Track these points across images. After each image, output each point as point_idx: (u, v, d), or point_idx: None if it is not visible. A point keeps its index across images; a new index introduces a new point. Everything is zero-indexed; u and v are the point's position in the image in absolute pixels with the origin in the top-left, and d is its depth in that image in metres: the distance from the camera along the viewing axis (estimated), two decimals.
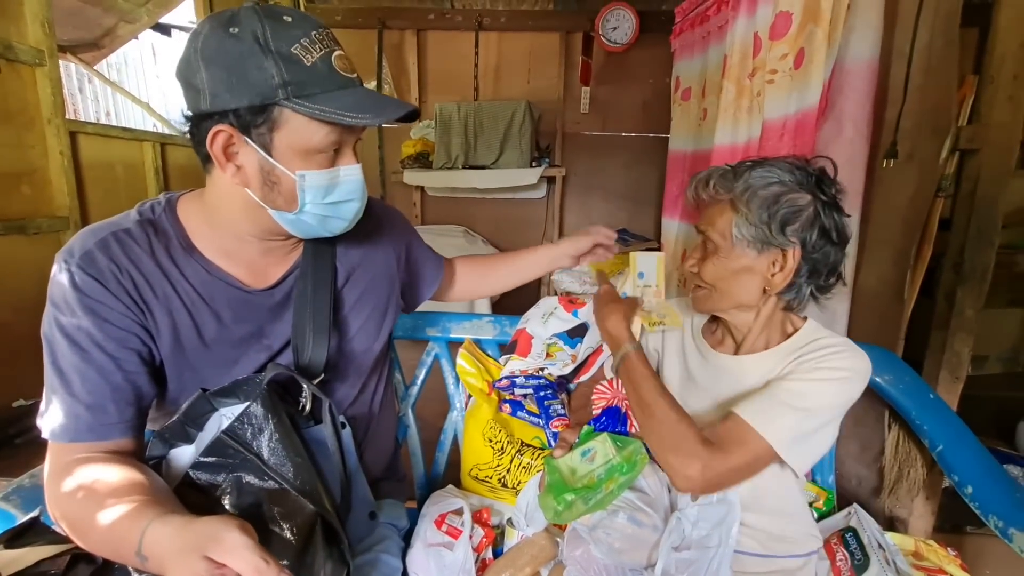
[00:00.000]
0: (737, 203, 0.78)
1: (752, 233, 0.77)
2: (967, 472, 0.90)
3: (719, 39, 1.90)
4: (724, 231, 0.79)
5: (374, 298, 0.85)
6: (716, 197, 0.81)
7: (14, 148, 1.69)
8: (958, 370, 1.16)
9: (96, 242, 0.63)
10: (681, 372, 0.92)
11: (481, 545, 0.90)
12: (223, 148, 0.61)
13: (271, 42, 0.57)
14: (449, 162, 2.89)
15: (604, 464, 0.79)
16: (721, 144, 1.72)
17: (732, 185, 0.79)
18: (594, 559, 0.79)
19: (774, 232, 0.75)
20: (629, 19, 2.83)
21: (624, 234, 3.14)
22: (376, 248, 0.86)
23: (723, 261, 0.80)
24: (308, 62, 0.58)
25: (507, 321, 1.20)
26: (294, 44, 0.58)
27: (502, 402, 1.09)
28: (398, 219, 0.95)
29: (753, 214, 0.76)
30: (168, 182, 2.34)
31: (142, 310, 0.65)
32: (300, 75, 0.58)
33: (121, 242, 0.65)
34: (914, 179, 1.12)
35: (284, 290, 0.75)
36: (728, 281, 0.80)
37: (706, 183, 0.83)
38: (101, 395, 0.61)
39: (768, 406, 0.73)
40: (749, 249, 0.77)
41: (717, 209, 0.81)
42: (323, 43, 0.60)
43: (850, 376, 0.74)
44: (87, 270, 0.62)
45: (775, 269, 0.78)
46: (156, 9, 2.79)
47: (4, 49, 1.62)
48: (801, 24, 1.31)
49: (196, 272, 0.68)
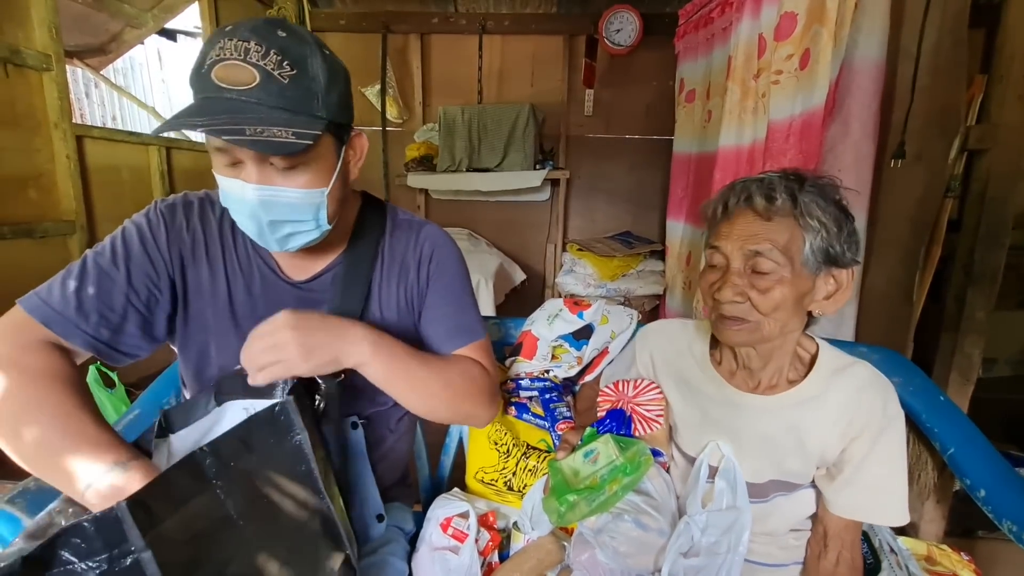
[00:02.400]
0: (807, 217, 0.66)
1: (824, 253, 0.67)
2: (980, 475, 0.89)
3: (723, 41, 1.90)
4: (791, 250, 0.67)
5: (408, 318, 0.84)
6: (777, 209, 0.68)
7: (21, 152, 1.70)
8: (969, 372, 1.15)
9: (183, 198, 0.76)
10: (696, 412, 0.83)
11: (487, 549, 0.90)
12: None
13: (204, 47, 0.63)
14: (453, 165, 2.89)
15: (607, 465, 0.77)
16: (726, 145, 1.72)
17: (800, 195, 0.67)
18: (600, 563, 0.78)
19: (846, 250, 0.68)
20: (633, 21, 2.83)
21: (628, 237, 3.13)
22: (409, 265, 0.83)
23: (788, 287, 0.67)
24: (202, 68, 0.61)
25: (512, 323, 1.19)
26: (211, 47, 0.61)
27: (507, 404, 1.09)
28: (447, 269, 0.85)
29: (830, 230, 0.66)
30: (174, 186, 2.35)
31: (183, 267, 0.73)
32: (194, 79, 0.62)
33: (202, 207, 0.76)
34: (923, 179, 1.12)
35: (318, 286, 0.78)
36: (788, 311, 0.69)
37: (766, 193, 0.68)
38: (96, 304, 0.66)
39: (876, 496, 0.73)
40: (812, 271, 0.68)
41: (776, 226, 0.67)
42: (222, 50, 0.60)
43: (898, 414, 0.74)
44: (163, 211, 0.74)
45: (829, 290, 0.70)
46: (162, 14, 2.81)
47: (11, 54, 1.63)
48: (806, 25, 1.31)
49: (245, 249, 0.76)
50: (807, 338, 0.79)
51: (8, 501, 0.71)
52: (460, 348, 0.83)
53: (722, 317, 0.72)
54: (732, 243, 0.70)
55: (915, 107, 1.08)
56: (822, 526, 0.77)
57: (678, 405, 0.85)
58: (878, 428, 0.72)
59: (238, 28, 0.60)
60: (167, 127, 0.61)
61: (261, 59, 0.59)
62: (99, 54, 2.96)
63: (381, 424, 0.84)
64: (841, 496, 0.74)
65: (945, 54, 1.05)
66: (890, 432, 0.73)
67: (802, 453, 0.75)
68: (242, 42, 0.59)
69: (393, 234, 0.83)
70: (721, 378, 0.81)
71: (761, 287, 0.68)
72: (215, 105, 0.60)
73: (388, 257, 0.82)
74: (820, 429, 0.74)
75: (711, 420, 0.81)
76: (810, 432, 0.75)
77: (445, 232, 0.87)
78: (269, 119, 0.59)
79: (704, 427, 0.82)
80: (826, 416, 0.74)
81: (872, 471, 0.72)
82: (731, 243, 0.70)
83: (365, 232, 0.81)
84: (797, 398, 0.75)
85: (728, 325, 0.71)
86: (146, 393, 1.03)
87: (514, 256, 3.16)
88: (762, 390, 0.78)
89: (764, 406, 0.77)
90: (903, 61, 1.13)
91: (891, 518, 0.73)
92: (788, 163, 1.38)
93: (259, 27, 0.60)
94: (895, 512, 0.73)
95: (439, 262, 0.83)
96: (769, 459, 0.77)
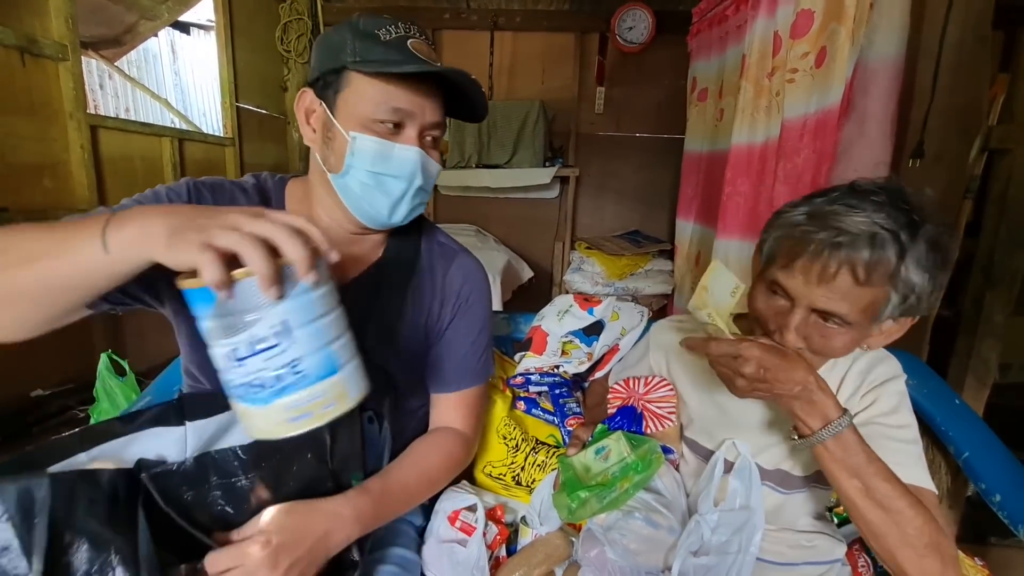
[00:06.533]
0: (903, 280, 0.58)
1: (904, 308, 0.61)
2: (995, 480, 0.87)
3: (737, 39, 1.88)
4: (870, 311, 0.61)
5: (418, 336, 0.82)
6: (878, 275, 0.59)
7: (37, 141, 1.72)
8: (985, 376, 1.13)
9: (213, 181, 0.73)
10: (711, 406, 0.82)
11: (495, 542, 0.89)
12: (305, 111, 0.70)
13: (361, 25, 0.65)
14: (462, 161, 2.89)
15: (619, 462, 0.77)
16: (739, 144, 1.70)
17: (909, 251, 0.58)
18: (609, 560, 0.77)
19: (926, 306, 0.61)
20: (645, 19, 2.81)
21: (637, 236, 3.12)
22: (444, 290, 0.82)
23: (851, 338, 0.63)
24: (383, 39, 0.64)
25: (521, 318, 1.19)
26: (379, 27, 0.65)
27: (516, 399, 1.08)
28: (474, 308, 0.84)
29: (922, 291, 0.59)
30: (185, 176, 2.38)
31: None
32: (371, 45, 0.64)
33: (232, 193, 0.73)
34: (942, 179, 1.10)
35: (352, 291, 0.74)
36: (846, 351, 0.66)
37: (871, 253, 0.57)
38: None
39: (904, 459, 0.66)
40: (883, 321, 0.63)
41: (867, 290, 0.59)
42: (407, 29, 0.66)
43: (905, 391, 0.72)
44: (191, 188, 0.70)
45: (888, 331, 0.66)
46: (176, 7, 2.83)
47: (28, 43, 1.65)
48: (823, 23, 1.29)
49: None
50: None
51: None
52: (460, 390, 0.84)
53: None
54: (804, 293, 0.62)
55: (935, 106, 1.06)
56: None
57: (692, 399, 0.85)
58: (892, 402, 0.71)
59: (392, 15, 0.68)
60: (405, 68, 0.63)
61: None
62: (114, 45, 2.98)
63: (396, 421, 0.84)
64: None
65: (968, 52, 1.03)
66: (903, 409, 0.71)
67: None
68: (411, 25, 0.67)
69: (431, 252, 0.82)
70: None
71: (824, 334, 0.63)
72: (425, 65, 0.64)
73: (424, 275, 0.80)
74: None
75: (726, 413, 0.80)
76: None
77: (479, 263, 0.86)
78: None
79: (720, 420, 0.81)
80: (840, 395, 0.73)
81: (887, 420, 0.70)
82: (803, 292, 0.62)
83: (401, 239, 0.80)
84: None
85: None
86: (156, 381, 1.03)
87: (522, 253, 3.15)
88: None
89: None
90: (923, 59, 1.11)
91: (911, 474, 0.67)
92: (802, 162, 1.37)
93: (400, 17, 0.68)
94: (912, 467, 0.67)
95: (468, 299, 0.82)
96: (781, 449, 0.77)
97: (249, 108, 2.78)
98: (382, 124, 0.66)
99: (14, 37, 1.60)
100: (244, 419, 0.49)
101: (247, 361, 0.45)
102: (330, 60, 0.66)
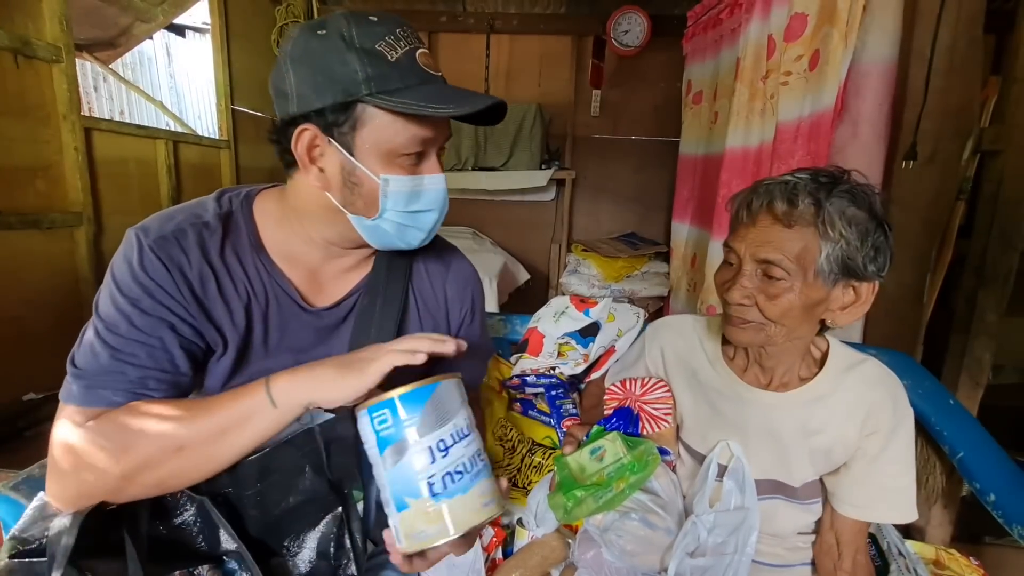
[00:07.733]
0: (829, 227, 0.64)
1: (842, 264, 0.65)
2: (989, 479, 0.88)
3: (732, 42, 1.90)
4: (804, 260, 0.65)
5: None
6: (798, 216, 0.65)
7: (30, 143, 1.71)
8: (979, 376, 1.14)
9: (173, 228, 0.62)
10: (705, 407, 0.83)
11: (491, 544, 0.89)
12: (307, 149, 0.60)
13: (356, 39, 0.56)
14: (459, 164, 2.89)
15: (614, 463, 0.77)
16: (733, 147, 1.71)
17: (826, 202, 0.64)
18: (605, 562, 0.77)
19: (867, 264, 0.65)
20: (641, 23, 2.82)
21: (633, 238, 3.13)
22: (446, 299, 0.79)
23: (797, 295, 0.66)
24: (392, 58, 0.57)
25: (518, 320, 1.19)
26: (378, 41, 0.57)
27: (513, 401, 1.08)
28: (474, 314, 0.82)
29: (850, 242, 0.64)
30: (180, 180, 2.35)
31: (200, 306, 0.62)
32: (383, 70, 0.56)
33: (198, 234, 0.63)
34: (935, 181, 1.11)
35: (342, 311, 0.71)
36: (798, 318, 0.68)
37: (788, 197, 0.66)
38: (145, 367, 0.59)
39: (888, 494, 0.73)
40: (826, 281, 0.66)
41: (793, 233, 0.65)
42: (407, 40, 0.59)
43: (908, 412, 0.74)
44: (158, 253, 0.60)
45: (846, 302, 0.68)
46: (171, 9, 2.81)
47: (22, 45, 1.64)
48: (817, 26, 1.30)
49: (258, 273, 0.66)
50: (818, 336, 0.78)
51: (12, 488, 0.71)
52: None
53: (729, 315, 0.72)
54: (746, 246, 0.69)
55: (928, 108, 1.07)
56: (832, 534, 0.77)
57: (687, 400, 0.85)
58: (890, 426, 0.72)
59: (380, 17, 0.60)
60: (453, 112, 0.57)
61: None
62: (108, 48, 2.97)
63: None
64: (853, 494, 0.74)
65: (960, 54, 1.04)
66: (901, 430, 0.73)
67: (807, 452, 0.75)
68: (405, 27, 0.61)
69: (426, 259, 0.77)
70: (733, 373, 0.80)
71: (770, 293, 0.67)
72: (446, 88, 0.61)
73: (418, 288, 0.76)
74: (832, 427, 0.74)
75: (720, 415, 0.80)
76: (818, 431, 0.74)
77: (472, 266, 0.83)
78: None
79: (713, 423, 0.81)
80: (836, 414, 0.74)
81: (884, 469, 0.72)
82: (745, 246, 0.69)
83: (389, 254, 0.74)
84: (808, 396, 0.75)
85: (734, 324, 0.72)
86: None
87: (518, 256, 3.16)
88: (774, 387, 0.77)
89: (774, 403, 0.76)
90: (915, 61, 1.12)
91: (901, 516, 0.73)
92: (796, 164, 1.37)
93: (386, 14, 0.61)
94: (905, 510, 0.73)
95: (469, 306, 0.80)
96: (774, 457, 0.77)
97: (245, 111, 2.77)
98: (406, 157, 0.61)
99: (7, 39, 1.60)
100: (440, 519, 0.48)
101: (451, 450, 0.50)
102: (336, 91, 0.56)
